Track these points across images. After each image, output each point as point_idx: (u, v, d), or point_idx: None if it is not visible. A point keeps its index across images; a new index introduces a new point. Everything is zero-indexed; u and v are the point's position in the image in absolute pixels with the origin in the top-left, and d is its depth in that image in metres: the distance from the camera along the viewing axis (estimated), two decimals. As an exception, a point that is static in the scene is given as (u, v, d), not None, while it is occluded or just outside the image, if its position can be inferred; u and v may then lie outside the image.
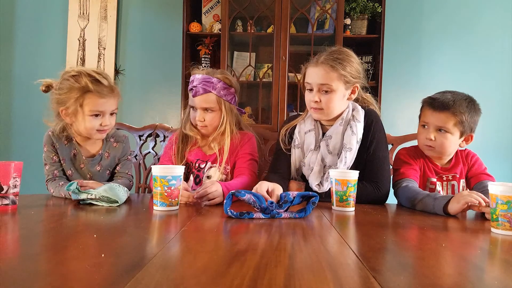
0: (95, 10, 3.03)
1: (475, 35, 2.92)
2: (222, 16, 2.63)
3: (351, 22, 2.73)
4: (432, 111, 1.31)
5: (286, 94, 2.60)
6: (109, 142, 1.45)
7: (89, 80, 1.29)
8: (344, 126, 1.37)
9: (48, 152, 1.37)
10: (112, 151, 1.45)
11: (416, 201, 1.21)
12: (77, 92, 1.29)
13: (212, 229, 0.90)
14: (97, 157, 1.42)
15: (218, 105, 1.45)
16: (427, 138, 1.32)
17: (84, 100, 1.30)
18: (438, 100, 1.30)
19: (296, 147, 1.44)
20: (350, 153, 1.35)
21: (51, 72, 1.37)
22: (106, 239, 0.76)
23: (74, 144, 1.39)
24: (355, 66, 1.36)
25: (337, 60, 1.32)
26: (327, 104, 1.34)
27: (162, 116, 3.01)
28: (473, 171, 1.37)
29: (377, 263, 0.64)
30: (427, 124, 1.33)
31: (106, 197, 1.13)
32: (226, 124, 1.47)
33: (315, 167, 1.36)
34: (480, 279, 0.60)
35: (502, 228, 0.91)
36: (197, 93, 1.43)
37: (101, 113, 1.33)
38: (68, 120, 1.34)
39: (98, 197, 1.13)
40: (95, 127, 1.33)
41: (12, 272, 0.55)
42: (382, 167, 1.36)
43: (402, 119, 2.93)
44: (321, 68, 1.32)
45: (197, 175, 1.48)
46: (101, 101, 1.31)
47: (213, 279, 0.53)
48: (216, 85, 1.43)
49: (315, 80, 1.34)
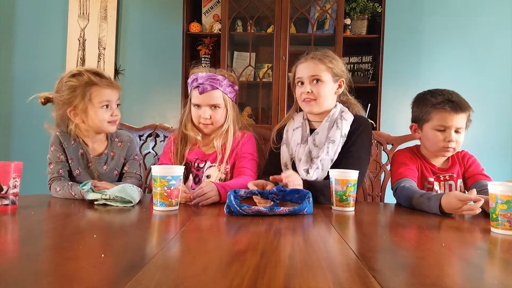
0: (95, 10, 3.03)
1: (475, 35, 2.92)
2: (222, 16, 2.63)
3: (351, 22, 2.73)
4: (454, 113, 1.30)
5: (286, 94, 2.60)
6: (114, 141, 1.46)
7: (90, 74, 1.33)
8: (331, 123, 1.43)
9: (55, 151, 1.36)
10: (117, 151, 1.45)
11: (413, 200, 1.21)
12: (81, 88, 1.32)
13: (212, 229, 0.90)
14: (103, 156, 1.42)
15: (224, 102, 1.47)
16: (448, 140, 1.31)
17: (92, 93, 1.33)
18: (454, 102, 1.30)
19: (282, 144, 1.50)
20: (333, 145, 1.39)
21: (51, 72, 1.38)
22: (106, 239, 0.76)
23: (81, 143, 1.39)
24: (340, 64, 1.47)
25: (324, 55, 1.44)
26: (318, 93, 1.41)
27: (162, 116, 3.01)
28: (470, 171, 1.37)
29: (376, 263, 0.64)
30: (447, 128, 1.31)
31: (120, 197, 1.14)
32: (230, 122, 1.49)
33: (302, 157, 1.42)
34: (480, 279, 0.60)
35: (501, 228, 0.91)
36: (205, 90, 1.44)
37: (109, 103, 1.36)
38: (78, 120, 1.35)
39: (112, 197, 1.14)
40: (106, 118, 1.36)
41: (12, 272, 0.55)
42: (354, 168, 1.27)
43: (402, 119, 2.92)
44: (310, 62, 1.43)
45: (196, 174, 1.48)
46: (107, 90, 1.35)
47: (213, 279, 0.53)
48: (222, 82, 1.46)
49: (306, 73, 1.43)
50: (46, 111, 1.40)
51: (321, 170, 1.37)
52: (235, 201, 1.03)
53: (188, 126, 1.51)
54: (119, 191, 1.15)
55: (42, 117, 1.42)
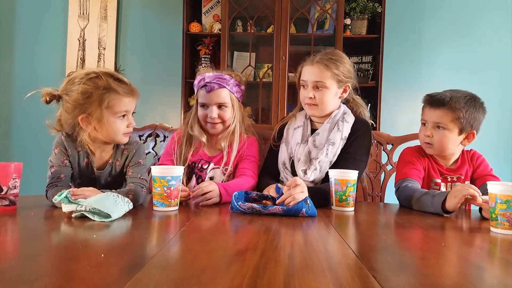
0: (95, 10, 3.04)
1: (475, 35, 2.92)
2: (222, 16, 2.63)
3: (351, 22, 2.73)
4: (430, 108, 1.32)
5: (286, 94, 2.61)
6: (120, 149, 1.31)
7: (109, 78, 1.19)
8: (332, 125, 1.43)
9: (60, 155, 1.25)
10: (122, 159, 1.32)
11: (414, 200, 1.20)
12: (98, 95, 1.17)
13: (212, 229, 0.90)
14: (107, 168, 1.30)
15: (231, 101, 1.47)
16: (425, 135, 1.33)
17: (110, 101, 1.18)
18: (435, 97, 1.31)
19: (282, 142, 1.49)
20: (333, 147, 1.39)
21: (51, 72, 1.37)
22: (106, 239, 0.76)
23: (88, 152, 1.27)
24: (347, 67, 1.43)
25: (331, 60, 1.40)
26: (321, 99, 1.40)
27: (162, 116, 3.01)
28: (479, 172, 1.35)
29: (376, 263, 0.64)
30: (426, 122, 1.34)
31: (98, 210, 0.94)
32: (237, 122, 1.48)
33: (301, 157, 1.41)
34: (480, 279, 0.60)
35: (501, 228, 0.91)
36: (212, 88, 1.43)
37: (127, 113, 1.23)
38: (90, 128, 1.20)
39: (88, 209, 0.94)
40: (122, 130, 1.22)
41: (12, 272, 0.55)
42: (352, 169, 1.26)
43: (402, 119, 2.93)
44: (316, 67, 1.40)
45: (199, 175, 1.48)
46: (127, 99, 1.22)
47: (213, 279, 0.53)
48: (229, 81, 1.46)
49: (310, 78, 1.41)
50: (46, 111, 1.32)
51: (318, 171, 1.37)
52: (236, 200, 1.07)
53: (195, 127, 1.49)
54: (97, 201, 0.96)
55: (42, 117, 1.40)
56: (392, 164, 1.71)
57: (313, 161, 1.39)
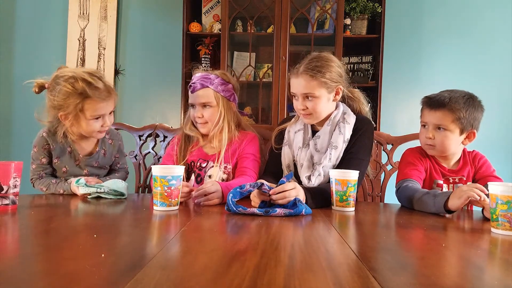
0: (95, 10, 3.03)
1: (475, 35, 2.92)
2: (222, 16, 2.63)
3: (351, 22, 2.73)
4: (429, 110, 1.31)
5: (286, 94, 2.60)
6: (105, 139, 1.48)
7: (86, 85, 1.27)
8: (332, 127, 1.41)
9: (38, 153, 1.39)
10: (109, 148, 1.50)
11: (415, 200, 1.19)
12: (75, 98, 1.28)
13: (212, 229, 0.90)
14: (95, 155, 1.45)
15: (215, 100, 1.47)
16: (426, 137, 1.32)
17: (84, 105, 1.30)
18: (434, 99, 1.30)
19: (284, 145, 1.48)
20: (336, 151, 1.38)
21: (51, 72, 1.36)
22: (106, 239, 0.76)
23: (70, 142, 1.40)
24: (335, 70, 1.37)
25: (315, 68, 1.34)
26: (314, 109, 1.38)
27: (162, 116, 3.01)
28: (481, 173, 1.34)
29: (377, 263, 0.64)
30: (426, 124, 1.33)
31: (114, 191, 1.26)
32: (224, 121, 1.48)
33: (304, 163, 1.40)
34: (480, 279, 0.60)
35: (502, 228, 0.91)
36: (195, 88, 1.47)
37: (101, 116, 1.35)
38: (68, 124, 1.34)
39: (107, 190, 1.26)
40: (96, 129, 1.36)
41: (12, 272, 0.55)
42: (354, 168, 1.27)
43: (402, 119, 2.93)
44: (301, 79, 1.35)
45: (198, 174, 1.48)
46: (101, 105, 1.32)
47: (213, 279, 0.53)
48: (213, 80, 1.47)
49: (298, 90, 1.38)
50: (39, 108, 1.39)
51: (322, 177, 1.36)
52: (232, 202, 1.06)
53: (188, 126, 1.54)
54: (113, 184, 1.29)
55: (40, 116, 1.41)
56: (392, 164, 1.71)
57: (316, 166, 1.37)
